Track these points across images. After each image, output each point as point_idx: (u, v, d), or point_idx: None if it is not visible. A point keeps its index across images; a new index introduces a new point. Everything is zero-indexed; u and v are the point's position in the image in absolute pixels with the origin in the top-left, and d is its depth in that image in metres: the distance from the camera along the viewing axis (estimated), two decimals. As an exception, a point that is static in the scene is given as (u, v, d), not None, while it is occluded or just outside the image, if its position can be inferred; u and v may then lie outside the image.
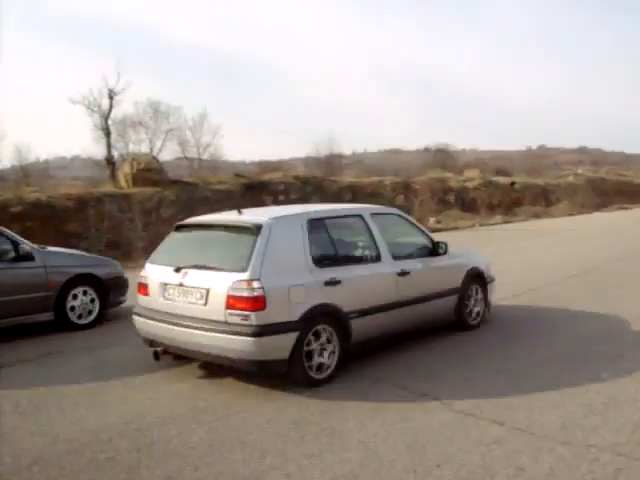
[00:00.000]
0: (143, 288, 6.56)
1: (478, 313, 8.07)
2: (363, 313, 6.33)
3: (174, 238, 6.82)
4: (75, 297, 8.56)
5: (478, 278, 8.16)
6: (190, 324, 5.81)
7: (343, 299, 6.09)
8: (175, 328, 5.95)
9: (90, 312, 8.74)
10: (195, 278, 5.91)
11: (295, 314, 5.65)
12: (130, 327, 6.89)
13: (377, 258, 6.74)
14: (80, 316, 8.62)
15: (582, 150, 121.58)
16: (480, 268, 8.24)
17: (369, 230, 6.85)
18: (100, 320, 8.85)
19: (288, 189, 24.63)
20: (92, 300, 8.76)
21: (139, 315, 6.57)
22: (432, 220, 26.53)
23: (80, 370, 6.73)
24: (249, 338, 5.40)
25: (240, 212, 6.62)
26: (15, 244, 8.19)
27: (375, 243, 6.81)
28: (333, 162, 49.94)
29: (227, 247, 6.34)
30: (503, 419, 4.89)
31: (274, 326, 5.50)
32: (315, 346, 5.80)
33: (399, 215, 7.77)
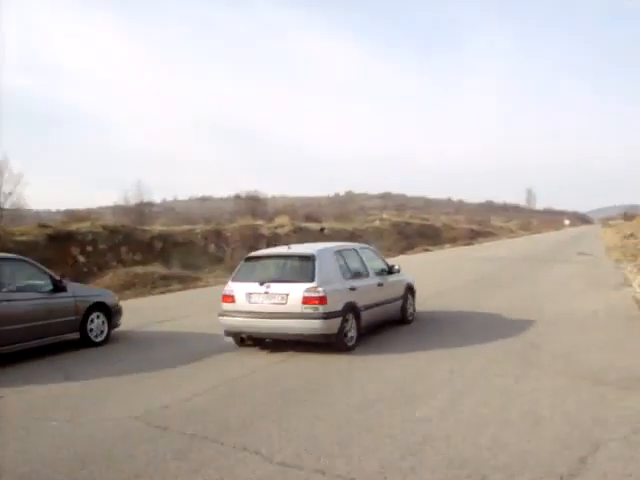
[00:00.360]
0: (229, 298, 9.70)
1: (411, 313, 12.19)
2: (366, 308, 10.08)
3: (246, 265, 10.19)
4: (92, 321, 10.80)
5: (411, 290, 12.33)
6: (274, 316, 9.15)
7: (358, 299, 9.85)
8: (260, 320, 9.30)
9: (102, 332, 10.99)
10: (276, 287, 9.27)
11: (339, 307, 9.23)
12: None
13: (367, 275, 10.78)
14: (96, 336, 10.85)
15: (387, 195, 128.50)
16: (412, 283, 12.52)
17: (361, 258, 10.96)
18: (107, 339, 11.07)
19: (96, 239, 23.56)
20: (103, 322, 11.03)
21: (226, 315, 9.74)
22: (244, 268, 26.44)
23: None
24: (319, 320, 8.92)
25: (290, 247, 10.63)
26: (53, 279, 10.44)
27: (365, 265, 10.90)
28: (143, 210, 48.76)
29: (294, 268, 9.84)
30: (324, 468, 4.79)
31: (331, 313, 9.02)
32: (347, 326, 9.39)
33: (371, 249, 12.37)
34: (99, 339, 10.88)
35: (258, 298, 9.34)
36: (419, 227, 54.97)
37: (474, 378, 7.49)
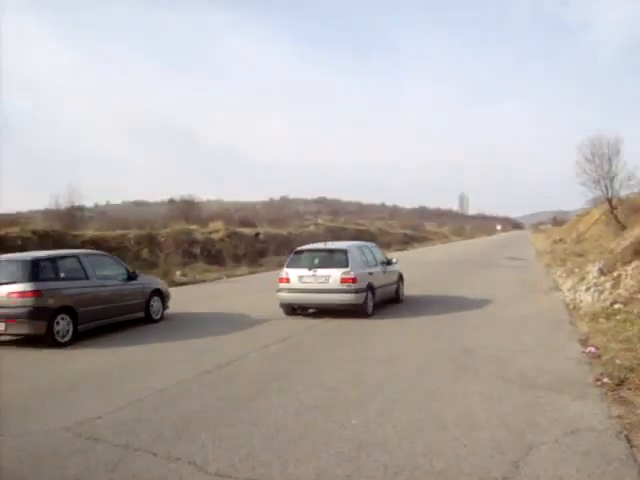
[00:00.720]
0: (285, 279, 13.62)
1: (402, 294, 16.32)
2: (378, 287, 14.09)
3: (295, 256, 14.28)
4: (152, 303, 13.88)
5: (401, 277, 16.46)
6: (319, 292, 13.19)
7: (374, 281, 13.84)
8: (309, 294, 13.35)
9: (158, 312, 14.10)
10: (321, 272, 13.23)
11: (364, 285, 13.24)
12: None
13: (376, 265, 14.81)
14: (155, 314, 13.93)
15: (321, 200, 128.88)
16: (402, 273, 16.57)
17: (372, 252, 15.29)
18: (162, 318, 14.16)
19: (25, 244, 22.84)
20: (159, 304, 14.17)
21: (282, 292, 13.71)
22: (178, 273, 26.00)
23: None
24: (352, 294, 12.93)
25: (326, 244, 15.21)
26: (127, 270, 13.75)
27: (375, 258, 15.13)
28: (75, 214, 47.56)
29: (333, 258, 13.70)
30: (258, 476, 4.75)
31: (359, 289, 13.02)
32: (368, 299, 13.36)
33: (376, 246, 16.98)
34: (157, 317, 13.98)
35: (307, 279, 13.38)
36: (354, 232, 55.26)
37: (408, 383, 7.53)
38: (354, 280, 13.01)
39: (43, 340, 10.93)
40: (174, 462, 5.11)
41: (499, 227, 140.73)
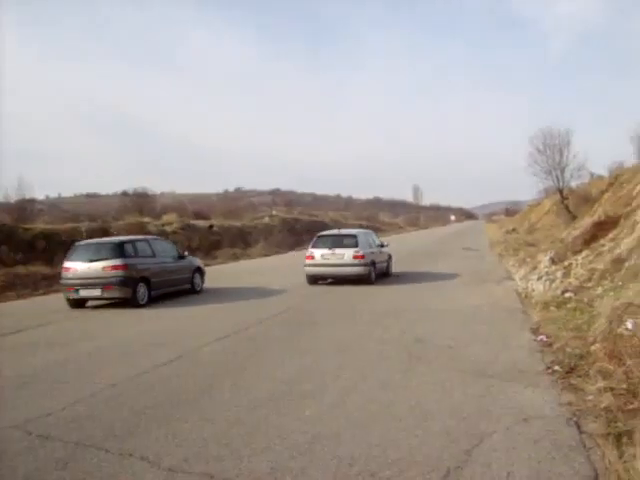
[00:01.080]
0: (311, 257, 18.15)
1: (391, 270, 20.76)
2: (377, 263, 19.06)
3: (318, 240, 18.78)
4: (195, 278, 17.61)
5: (390, 257, 21.05)
6: (336, 266, 17.86)
7: (375, 258, 18.83)
8: (328, 268, 18.07)
9: (199, 285, 17.86)
10: (338, 251, 17.86)
11: (369, 261, 18.16)
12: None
13: (375, 246, 19.58)
14: (196, 287, 17.64)
15: (276, 192, 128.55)
16: (391, 254, 21.15)
17: (371, 237, 20.54)
18: (202, 290, 18.05)
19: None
20: (200, 279, 17.97)
21: (309, 266, 18.24)
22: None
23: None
24: (361, 267, 17.86)
25: (340, 230, 21.52)
26: (178, 251, 17.85)
27: (374, 241, 20.16)
28: (25, 208, 46.52)
29: (346, 241, 18.27)
30: (212, 471, 4.69)
31: (366, 264, 17.96)
32: (372, 271, 18.29)
33: (375, 233, 22.88)
34: (198, 289, 17.84)
35: (328, 256, 18.04)
36: (308, 223, 55.43)
37: (362, 374, 7.54)
38: (362, 257, 17.96)
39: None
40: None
41: (453, 217, 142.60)
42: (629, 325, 8.01)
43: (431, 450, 4.93)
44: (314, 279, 18.46)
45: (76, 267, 14.78)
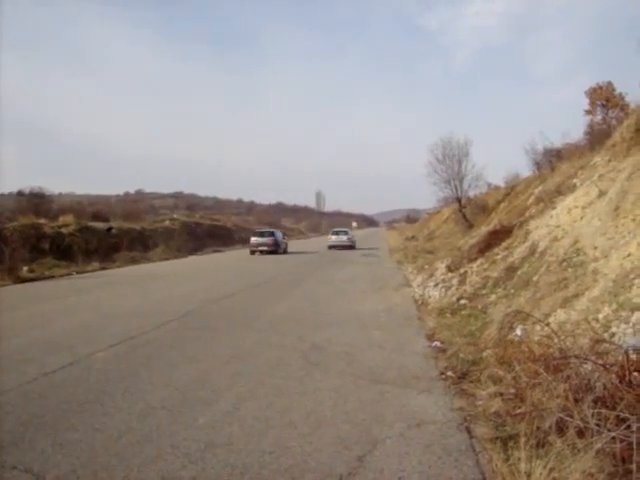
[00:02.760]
0: (330, 237, 51.51)
1: (355, 245, 50.93)
2: (353, 242, 51.10)
3: (332, 231, 53.61)
4: (283, 245, 46.21)
5: (354, 242, 51.23)
6: (340, 242, 49.58)
7: (353, 239, 51.35)
8: (337, 242, 49.65)
9: (284, 250, 44.69)
10: (341, 236, 50.80)
11: (352, 239, 50.93)
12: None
13: (350, 235, 52.14)
14: (283, 251, 44.34)
15: (178, 195, 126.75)
16: (355, 239, 52.49)
17: (350, 231, 56.40)
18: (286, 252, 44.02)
19: None
20: (286, 248, 45.92)
21: (329, 242, 50.07)
22: (25, 269, 24.71)
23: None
24: (350, 242, 49.97)
25: (340, 229, 56.26)
26: (283, 234, 49.90)
27: (350, 233, 54.04)
28: None
29: (343, 233, 52.04)
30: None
31: (352, 241, 50.51)
32: (354, 244, 50.65)
33: (350, 229, 64.25)
34: (283, 252, 43.22)
35: (335, 237, 50.00)
36: (210, 227, 55.14)
37: (258, 380, 7.47)
38: (350, 239, 49.07)
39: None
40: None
41: (355, 224, 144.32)
42: (518, 332, 8.29)
43: (324, 457, 4.92)
44: (331, 247, 47.63)
45: (255, 239, 43.04)
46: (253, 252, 42.31)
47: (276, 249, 41.87)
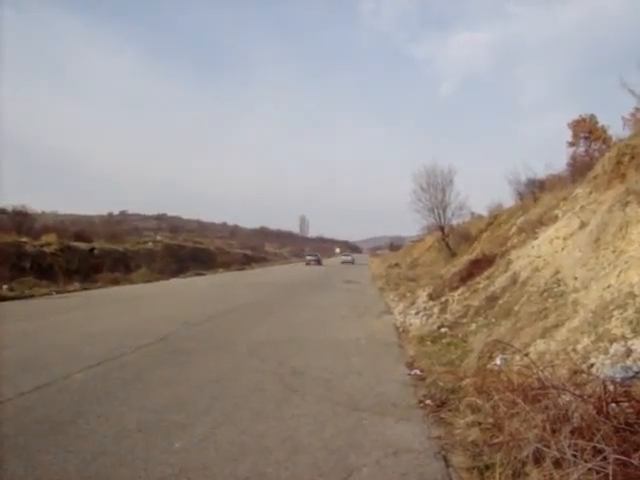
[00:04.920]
0: (341, 256, 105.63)
1: (354, 262, 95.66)
2: (353, 259, 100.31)
3: (342, 252, 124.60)
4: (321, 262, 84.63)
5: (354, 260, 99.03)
6: (347, 260, 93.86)
7: (354, 258, 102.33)
8: (345, 260, 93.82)
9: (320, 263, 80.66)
10: (347, 256, 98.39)
11: (353, 258, 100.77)
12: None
13: (351, 256, 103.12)
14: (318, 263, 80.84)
15: (162, 217, 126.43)
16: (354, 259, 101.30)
17: (353, 254, 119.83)
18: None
19: None
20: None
21: (341, 258, 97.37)
22: (5, 287, 24.44)
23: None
24: (352, 259, 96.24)
25: (344, 251, 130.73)
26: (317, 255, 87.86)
27: (353, 255, 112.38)
28: None
29: (348, 254, 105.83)
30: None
31: (354, 259, 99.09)
32: (354, 261, 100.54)
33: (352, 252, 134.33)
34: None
35: (345, 257, 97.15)
36: (193, 250, 54.91)
37: (235, 405, 7.41)
38: (352, 258, 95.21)
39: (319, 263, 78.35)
40: None
41: (338, 250, 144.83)
42: (498, 361, 8.30)
43: (300, 484, 4.87)
44: (343, 262, 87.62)
45: (308, 257, 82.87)
46: (308, 264, 77.77)
47: (319, 262, 78.71)
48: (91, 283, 30.61)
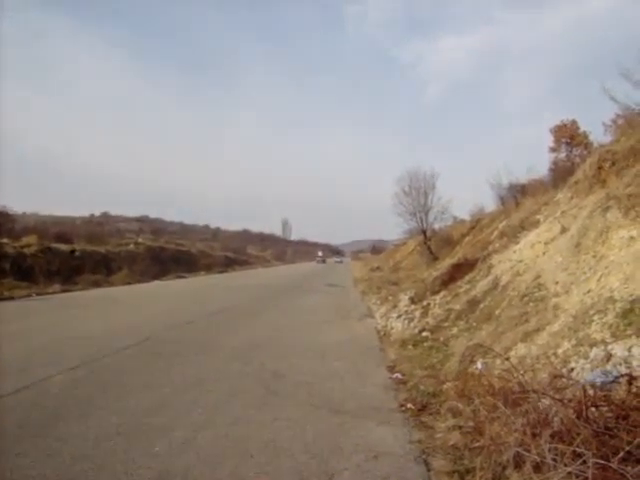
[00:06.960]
0: (332, 259, 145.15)
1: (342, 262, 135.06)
2: (343, 261, 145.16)
3: (336, 256, 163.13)
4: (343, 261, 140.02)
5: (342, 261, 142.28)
6: (338, 261, 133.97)
7: (343, 260, 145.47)
8: (337, 260, 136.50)
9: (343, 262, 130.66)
10: (338, 258, 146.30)
11: (345, 260, 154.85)
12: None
13: (341, 259, 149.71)
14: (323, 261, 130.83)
15: (144, 219, 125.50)
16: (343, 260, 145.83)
17: (343, 256, 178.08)
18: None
19: None
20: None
21: (335, 260, 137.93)
22: (-17, 289, 24.25)
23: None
24: (343, 261, 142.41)
25: (338, 255, 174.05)
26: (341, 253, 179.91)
27: (343, 256, 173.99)
28: None
29: (339, 257, 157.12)
30: None
31: (344, 260, 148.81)
32: (344, 263, 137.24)
33: (343, 254, 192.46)
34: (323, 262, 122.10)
35: (337, 258, 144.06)
36: (174, 253, 54.69)
37: (216, 408, 7.37)
38: (342, 260, 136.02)
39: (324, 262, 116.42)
40: None
41: (320, 253, 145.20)
42: (479, 365, 8.33)
43: (280, 488, 4.86)
44: (336, 262, 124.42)
45: (320, 254, 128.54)
46: (318, 262, 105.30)
47: (324, 261, 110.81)
48: (72, 285, 30.41)
